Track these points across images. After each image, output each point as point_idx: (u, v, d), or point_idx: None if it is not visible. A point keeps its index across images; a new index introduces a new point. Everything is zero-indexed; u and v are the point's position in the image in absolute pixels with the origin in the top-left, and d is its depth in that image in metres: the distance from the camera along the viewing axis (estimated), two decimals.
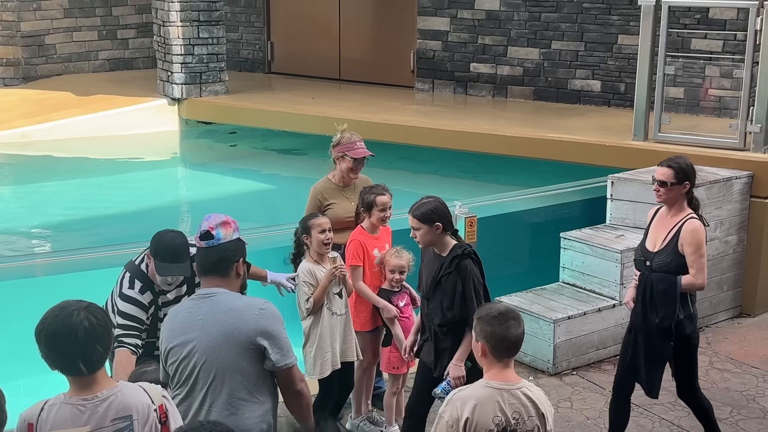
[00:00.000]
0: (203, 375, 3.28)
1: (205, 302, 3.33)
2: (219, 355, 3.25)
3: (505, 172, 8.96)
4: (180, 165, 10.95)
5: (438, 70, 10.71)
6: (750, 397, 5.72)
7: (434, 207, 4.33)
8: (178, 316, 3.39)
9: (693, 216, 4.69)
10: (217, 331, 3.27)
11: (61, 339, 2.67)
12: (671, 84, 8.34)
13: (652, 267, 4.69)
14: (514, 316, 3.15)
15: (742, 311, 7.02)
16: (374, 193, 5.02)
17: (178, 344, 3.31)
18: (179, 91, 10.43)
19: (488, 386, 3.12)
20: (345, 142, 5.22)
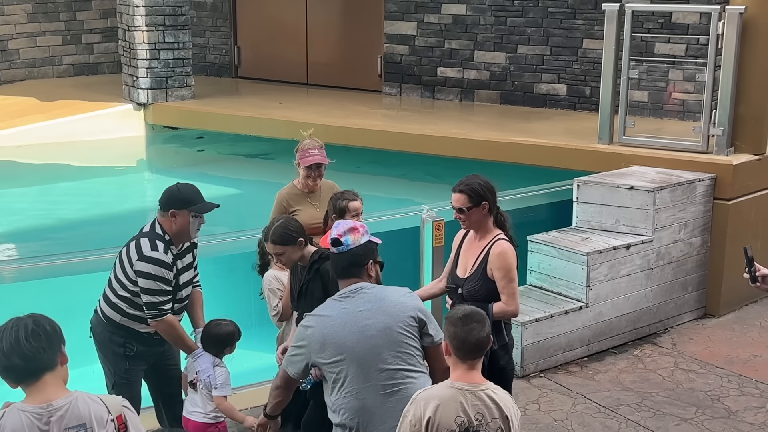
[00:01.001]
0: (373, 360, 3.49)
1: (357, 296, 3.59)
2: (388, 337, 3.51)
3: None
4: (146, 170, 10.87)
5: (405, 75, 10.74)
6: (715, 397, 5.80)
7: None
8: (332, 316, 3.55)
9: (501, 237, 4.38)
10: (381, 316, 3.53)
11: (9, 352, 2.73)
12: (635, 88, 8.43)
13: (463, 295, 4.37)
14: (479, 319, 3.18)
15: (706, 312, 7.11)
16: (346, 199, 5.02)
17: (340, 339, 3.49)
18: (145, 96, 10.36)
19: (452, 387, 3.15)
20: (300, 149, 5.24)
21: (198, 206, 4.42)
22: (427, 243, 6.29)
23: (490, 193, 4.41)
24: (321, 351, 3.53)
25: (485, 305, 4.22)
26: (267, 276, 4.85)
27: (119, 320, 4.44)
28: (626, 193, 6.64)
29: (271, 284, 4.82)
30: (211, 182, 9.95)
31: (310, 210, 5.21)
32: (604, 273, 6.34)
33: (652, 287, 6.70)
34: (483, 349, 3.19)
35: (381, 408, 3.49)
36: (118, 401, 2.84)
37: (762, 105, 7.17)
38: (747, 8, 6.95)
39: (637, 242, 6.54)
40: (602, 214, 6.72)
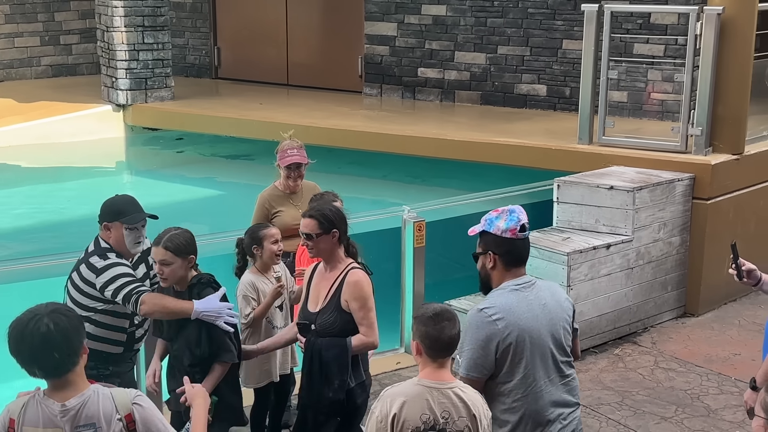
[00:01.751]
0: (556, 352, 3.51)
1: (535, 287, 3.58)
2: (564, 331, 3.57)
3: (453, 176, 9.02)
4: (126, 172, 10.81)
5: (386, 75, 10.74)
6: (694, 395, 5.84)
7: (187, 238, 4.19)
8: (520, 307, 3.48)
9: (354, 266, 4.19)
10: (558, 310, 3.58)
11: (20, 344, 2.75)
12: (615, 88, 8.48)
13: (317, 330, 4.15)
14: (449, 317, 3.18)
15: (686, 311, 7.16)
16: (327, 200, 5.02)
17: (535, 333, 3.47)
18: (124, 97, 10.31)
19: (419, 384, 3.16)
20: (280, 150, 5.24)
21: (130, 217, 4.23)
22: (408, 243, 6.30)
23: (342, 221, 4.22)
24: (516, 347, 3.43)
25: (343, 339, 4.07)
26: (243, 281, 4.76)
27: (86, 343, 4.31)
28: (606, 193, 6.68)
29: (246, 291, 4.71)
30: (192, 184, 9.93)
31: (292, 211, 5.21)
32: (584, 273, 6.37)
33: (632, 287, 6.73)
34: (455, 346, 3.21)
35: (560, 400, 3.51)
36: (129, 398, 2.85)
37: (740, 105, 7.22)
38: (725, 9, 7.00)
39: (617, 242, 6.58)
40: (582, 214, 6.75)
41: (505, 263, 3.55)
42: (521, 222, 3.55)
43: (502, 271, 3.56)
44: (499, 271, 3.56)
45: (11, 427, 2.78)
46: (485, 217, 3.64)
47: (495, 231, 3.56)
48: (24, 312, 2.81)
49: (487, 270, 3.60)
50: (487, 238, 3.58)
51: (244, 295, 4.70)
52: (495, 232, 3.55)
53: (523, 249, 3.60)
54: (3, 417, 2.82)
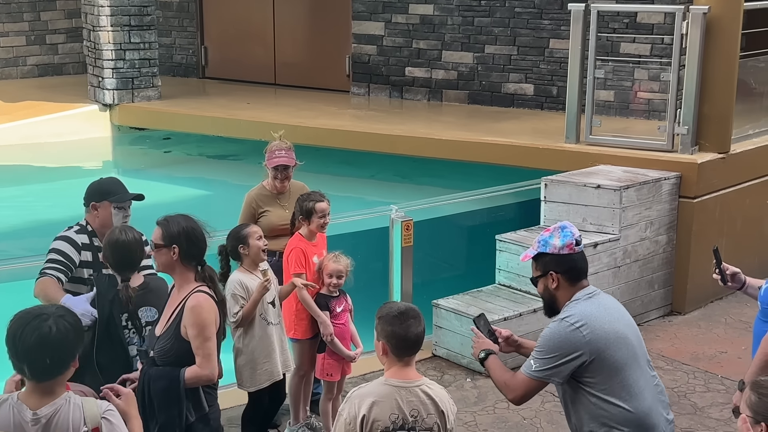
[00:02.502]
0: (643, 353, 3.55)
1: (601, 294, 3.61)
2: (638, 332, 3.61)
3: (441, 176, 9.03)
4: (113, 172, 10.76)
5: (373, 75, 10.74)
6: (681, 393, 5.86)
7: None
8: (599, 313, 3.49)
9: (200, 289, 3.75)
10: (627, 314, 3.62)
11: (16, 338, 2.72)
12: (601, 87, 8.50)
13: (154, 357, 3.77)
14: (414, 315, 3.19)
15: (672, 309, 7.19)
16: (313, 200, 5.01)
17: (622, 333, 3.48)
18: (111, 97, 10.27)
19: (386, 384, 3.15)
20: (268, 150, 5.23)
21: (118, 196, 4.37)
22: (396, 243, 6.30)
23: (187, 239, 3.75)
24: (606, 351, 3.42)
25: (176, 370, 3.69)
26: (231, 279, 4.77)
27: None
28: (593, 192, 6.70)
29: (235, 290, 4.71)
30: (179, 183, 9.90)
31: (279, 211, 5.21)
32: None
33: (619, 285, 6.76)
34: (420, 345, 3.21)
35: (656, 400, 3.52)
36: (99, 411, 2.79)
37: (726, 104, 7.26)
38: (710, 8, 7.03)
39: (604, 240, 6.60)
40: (569, 213, 6.76)
41: (569, 279, 3.56)
42: (575, 236, 3.58)
43: (567, 288, 3.56)
44: (564, 289, 3.57)
45: None
46: (537, 239, 3.64)
47: (552, 250, 3.57)
48: (32, 307, 2.78)
49: (551, 292, 3.59)
50: (545, 259, 3.59)
51: (232, 293, 4.70)
52: (552, 251, 3.57)
53: (583, 261, 3.62)
54: None
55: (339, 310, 5.07)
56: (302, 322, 5.06)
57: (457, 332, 6.18)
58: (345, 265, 5.04)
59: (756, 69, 7.91)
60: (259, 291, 4.70)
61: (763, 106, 8.24)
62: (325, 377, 5.10)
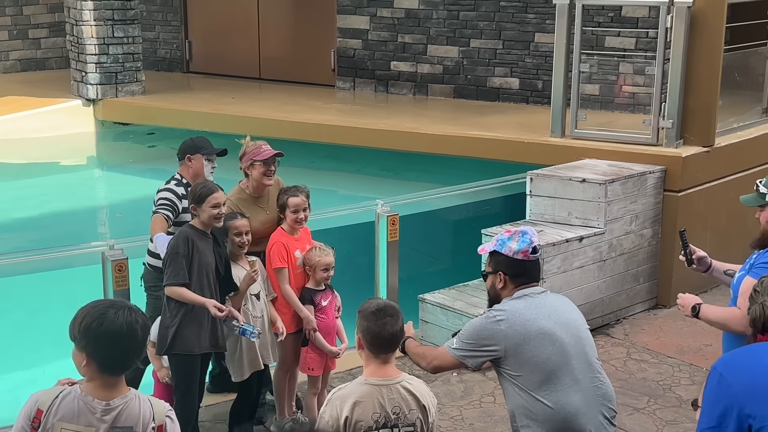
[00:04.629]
0: (582, 353, 3.52)
1: (546, 294, 3.63)
2: (586, 332, 3.61)
3: (427, 170, 9.03)
4: (96, 168, 10.72)
5: (359, 69, 10.73)
6: (666, 386, 5.89)
7: None
8: (528, 309, 3.50)
9: None
10: (575, 312, 3.64)
11: (122, 337, 2.70)
12: (587, 81, 8.52)
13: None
14: (392, 313, 3.18)
15: (657, 302, 7.22)
16: (287, 195, 5.00)
17: (549, 329, 3.47)
18: (94, 92, 10.22)
19: (366, 383, 3.14)
20: (250, 149, 5.14)
21: (208, 150, 5.29)
22: (381, 238, 6.31)
23: None
24: (522, 345, 3.44)
25: None
26: None
27: (157, 264, 5.00)
28: (578, 186, 6.71)
29: None
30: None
31: (261, 215, 5.12)
32: (557, 265, 6.40)
33: (605, 279, 6.78)
34: (397, 342, 3.21)
35: (593, 401, 3.49)
36: (165, 409, 2.85)
37: (710, 97, 7.28)
38: (695, 2, 7.04)
39: (590, 234, 6.62)
40: (555, 207, 6.78)
41: (515, 283, 3.61)
42: (533, 244, 3.60)
43: (512, 291, 3.61)
44: (508, 291, 3.61)
45: (37, 417, 2.71)
46: (497, 237, 3.68)
47: (506, 252, 3.60)
48: (95, 302, 2.77)
49: (496, 290, 3.64)
50: (498, 258, 3.62)
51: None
52: (506, 253, 3.60)
53: (535, 270, 3.66)
54: (29, 406, 2.75)
55: (325, 304, 5.07)
56: (285, 317, 5.05)
57: (444, 327, 6.19)
58: (333, 256, 5.05)
59: (740, 62, 7.94)
60: (246, 282, 4.74)
61: (747, 99, 8.29)
62: (307, 371, 5.11)
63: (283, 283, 4.97)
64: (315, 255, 5.00)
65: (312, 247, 5.07)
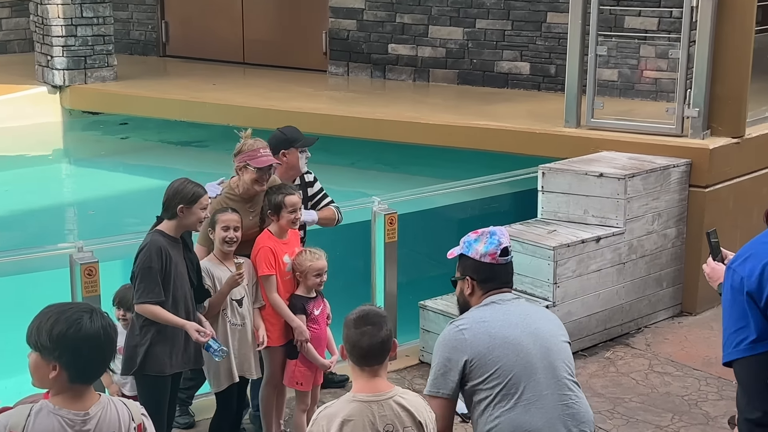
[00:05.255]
0: (550, 366, 3.49)
1: (516, 301, 3.63)
2: (559, 344, 3.57)
3: (428, 164, 9.03)
4: (63, 161, 10.71)
5: (353, 52, 10.72)
6: (692, 401, 5.90)
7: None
8: (494, 318, 3.50)
9: None
10: (547, 322, 3.61)
11: (102, 343, 2.75)
12: (604, 66, 8.53)
13: None
14: (374, 321, 3.13)
15: (682, 309, 7.23)
16: (282, 193, 4.98)
17: (514, 339, 3.47)
18: (61, 78, 10.21)
19: (355, 400, 3.11)
20: (247, 149, 5.09)
21: (303, 141, 5.46)
22: (378, 238, 6.31)
23: None
24: (487, 355, 3.42)
25: None
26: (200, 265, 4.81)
27: None
28: (595, 181, 6.72)
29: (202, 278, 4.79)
30: (137, 173, 9.87)
31: (246, 219, 5.09)
32: (572, 269, 6.41)
33: (624, 283, 6.79)
34: (377, 354, 3.14)
35: (558, 421, 3.45)
36: (138, 408, 2.92)
37: (740, 84, 7.29)
38: None
39: (608, 234, 6.62)
40: (569, 204, 6.79)
41: (483, 289, 3.60)
42: (502, 245, 3.58)
43: (480, 298, 3.61)
44: (477, 297, 3.61)
45: None
46: (464, 239, 3.67)
47: (473, 255, 3.60)
48: (56, 307, 2.77)
49: (465, 296, 3.64)
50: (466, 263, 3.63)
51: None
52: (473, 256, 3.60)
53: (505, 274, 3.64)
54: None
55: (317, 313, 5.07)
56: (274, 328, 5.04)
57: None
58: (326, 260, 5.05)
59: None
60: (229, 284, 4.74)
61: None
62: (295, 386, 5.11)
63: (270, 291, 4.96)
64: (305, 259, 5.00)
65: (302, 250, 5.07)
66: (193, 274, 4.64)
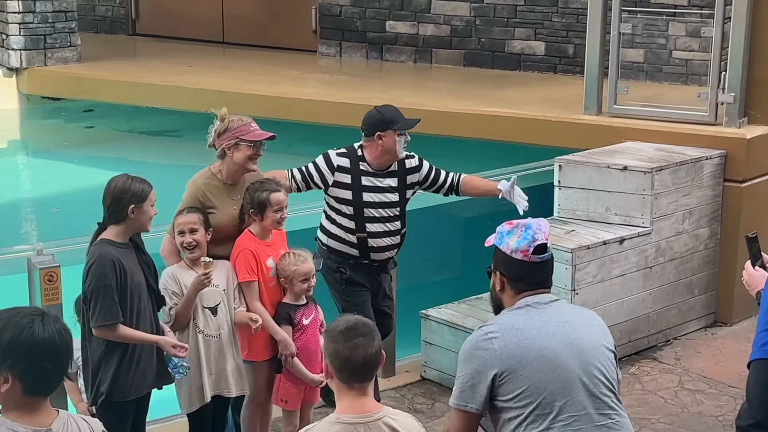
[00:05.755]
0: (590, 383, 3.46)
1: (556, 304, 3.57)
2: (602, 357, 3.52)
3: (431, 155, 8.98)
4: (21, 152, 10.72)
5: (346, 30, 10.72)
6: (727, 422, 5.89)
7: None
8: (530, 326, 3.46)
9: None
10: (592, 331, 3.56)
11: (57, 349, 2.76)
12: (628, 45, 8.53)
13: None
14: (365, 332, 3.12)
15: (716, 319, 7.23)
16: (267, 190, 4.97)
17: (551, 352, 3.43)
18: (17, 59, 10.20)
19: (339, 422, 3.08)
20: (235, 126, 5.09)
21: (402, 123, 5.53)
22: None
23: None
24: (519, 369, 3.40)
25: None
26: (165, 274, 4.82)
27: (326, 241, 5.59)
28: (618, 175, 6.72)
29: (167, 285, 4.78)
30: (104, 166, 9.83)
31: (230, 208, 5.09)
32: (592, 273, 6.41)
33: (651, 290, 6.79)
34: (371, 368, 3.12)
35: None
36: (99, 425, 2.92)
37: None
38: None
39: (633, 235, 6.62)
40: (589, 202, 6.79)
41: (514, 288, 3.56)
42: (536, 242, 3.52)
43: (512, 296, 3.56)
44: (508, 296, 3.57)
45: None
46: (498, 228, 3.63)
47: (504, 249, 3.56)
48: (7, 311, 2.76)
49: (496, 292, 3.61)
50: (498, 255, 3.59)
51: (164, 288, 4.75)
52: (504, 250, 3.56)
53: (538, 274, 3.57)
54: None
55: (306, 322, 5.06)
56: (258, 340, 5.03)
57: (452, 350, 6.18)
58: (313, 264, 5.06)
59: None
60: (194, 287, 4.74)
61: None
62: (280, 404, 5.11)
63: (252, 299, 4.95)
64: (289, 263, 4.99)
65: (285, 253, 5.06)
66: (151, 277, 4.62)
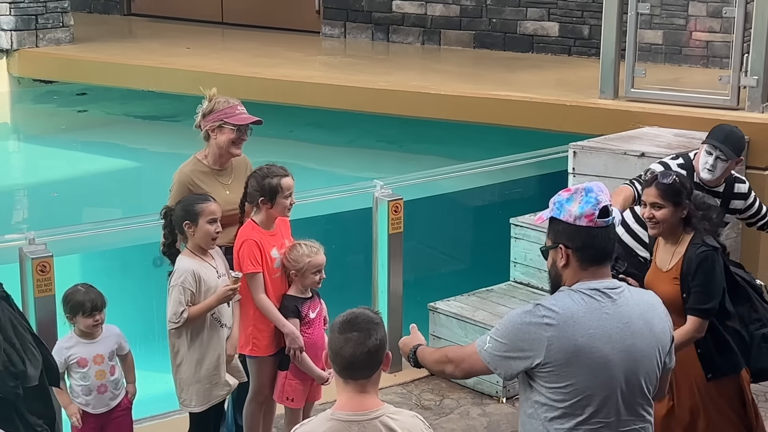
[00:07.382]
0: (629, 393, 3.45)
1: (621, 298, 3.49)
2: (650, 365, 3.49)
3: (440, 142, 9.04)
4: (11, 138, 10.73)
5: (351, 10, 10.72)
6: None
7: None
8: (590, 323, 3.42)
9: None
10: (649, 335, 3.49)
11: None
12: (646, 26, 8.51)
13: None
14: (363, 327, 3.08)
15: None
16: (277, 176, 4.96)
17: (602, 357, 3.40)
18: (8, 40, 10.21)
19: (333, 418, 3.06)
20: (221, 107, 5.12)
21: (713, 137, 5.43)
22: (381, 228, 6.31)
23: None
24: (564, 366, 3.37)
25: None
26: (182, 268, 4.77)
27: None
28: (636, 162, 6.71)
29: (184, 279, 4.73)
30: (97, 151, 9.87)
31: (221, 193, 5.09)
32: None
33: None
34: (364, 366, 3.08)
35: None
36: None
37: None
38: None
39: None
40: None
41: (581, 260, 3.48)
42: (601, 204, 3.45)
43: (577, 271, 3.48)
44: (573, 270, 3.49)
45: None
46: (553, 199, 3.54)
47: (566, 218, 3.47)
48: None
49: (557, 269, 3.52)
50: (557, 227, 3.51)
51: (182, 285, 4.70)
52: (566, 219, 3.47)
53: (606, 241, 3.50)
54: None
55: (313, 316, 5.07)
56: (263, 335, 5.04)
57: (461, 344, 6.20)
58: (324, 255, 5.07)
59: None
60: (218, 298, 4.75)
61: None
62: (285, 402, 5.11)
63: (257, 291, 4.95)
64: (303, 254, 4.98)
65: (296, 244, 5.05)
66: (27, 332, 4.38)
